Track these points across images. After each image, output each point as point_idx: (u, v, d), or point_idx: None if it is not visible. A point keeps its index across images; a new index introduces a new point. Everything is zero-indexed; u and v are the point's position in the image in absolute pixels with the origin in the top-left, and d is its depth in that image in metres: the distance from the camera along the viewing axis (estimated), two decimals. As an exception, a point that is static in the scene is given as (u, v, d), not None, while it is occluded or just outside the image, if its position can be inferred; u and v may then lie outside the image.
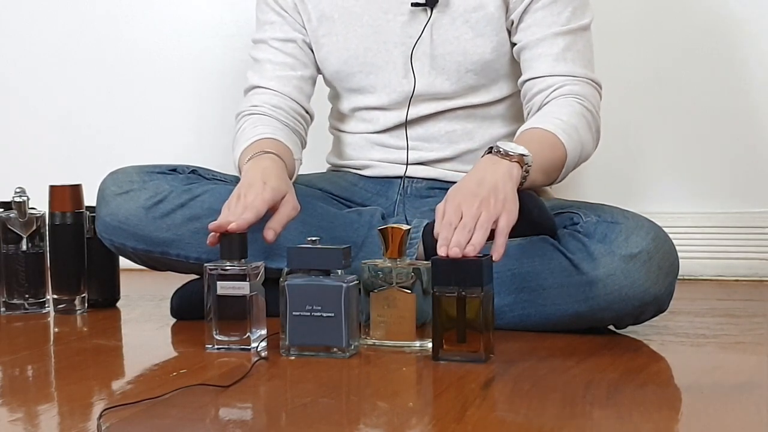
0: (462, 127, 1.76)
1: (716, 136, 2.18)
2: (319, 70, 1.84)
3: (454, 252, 1.37)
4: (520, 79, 1.71)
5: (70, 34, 2.47)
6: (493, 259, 1.40)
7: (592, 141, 1.66)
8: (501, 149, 1.49)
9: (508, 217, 1.42)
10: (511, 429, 1.10)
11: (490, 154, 1.50)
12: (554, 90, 1.66)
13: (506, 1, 1.71)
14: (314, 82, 1.84)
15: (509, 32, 1.73)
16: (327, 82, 1.86)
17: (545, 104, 1.66)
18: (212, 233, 1.47)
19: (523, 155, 1.48)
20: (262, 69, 1.81)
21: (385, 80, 1.77)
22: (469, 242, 1.39)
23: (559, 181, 1.62)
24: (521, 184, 1.49)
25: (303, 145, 1.81)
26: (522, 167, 1.48)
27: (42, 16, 2.49)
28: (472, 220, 1.41)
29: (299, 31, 1.81)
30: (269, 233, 1.50)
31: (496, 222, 1.41)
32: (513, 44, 1.73)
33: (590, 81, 1.69)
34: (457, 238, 1.39)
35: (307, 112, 1.81)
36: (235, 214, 1.48)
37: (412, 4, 1.72)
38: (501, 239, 1.41)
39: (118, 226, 1.67)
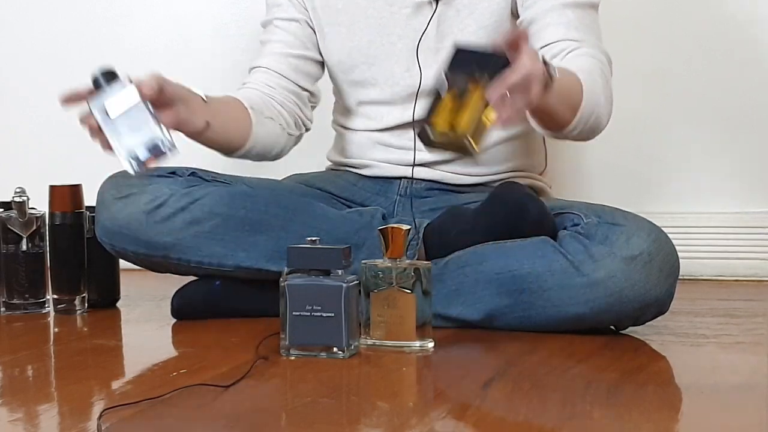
0: None
1: (716, 137, 2.18)
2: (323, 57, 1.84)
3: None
4: None
5: (70, 34, 2.46)
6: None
7: (606, 105, 1.59)
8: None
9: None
10: (511, 429, 1.10)
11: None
12: (570, 51, 1.62)
13: None
14: (319, 65, 1.83)
15: (515, 16, 1.71)
16: (330, 75, 1.86)
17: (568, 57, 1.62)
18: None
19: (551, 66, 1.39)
20: (263, 50, 1.82)
21: (387, 73, 1.76)
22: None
23: (572, 132, 1.54)
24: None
25: (298, 121, 1.80)
26: (548, 70, 1.37)
27: (42, 16, 2.48)
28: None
29: (303, 13, 1.81)
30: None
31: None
32: (521, 23, 1.69)
33: (603, 51, 1.65)
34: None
35: (305, 90, 1.81)
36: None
37: None
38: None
39: (118, 230, 1.67)
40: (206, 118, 1.57)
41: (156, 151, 1.43)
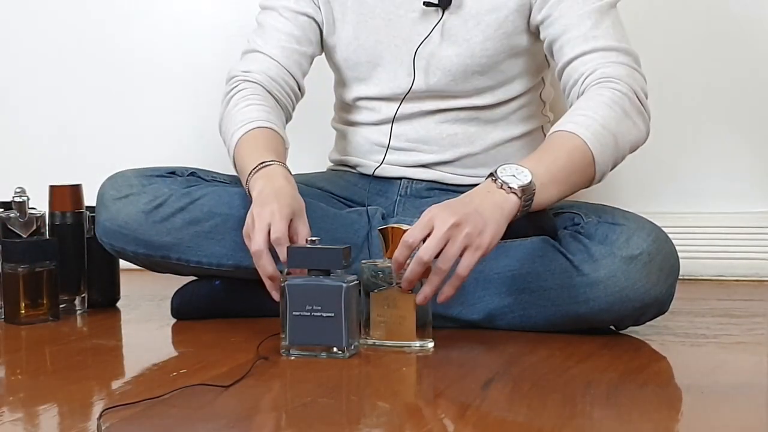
0: (463, 131, 1.75)
1: (716, 136, 2.18)
2: (321, 51, 1.83)
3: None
4: (557, 69, 1.66)
5: (70, 34, 2.46)
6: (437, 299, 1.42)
7: (634, 127, 1.58)
8: (499, 179, 1.43)
9: (478, 249, 1.39)
10: (511, 429, 1.10)
11: (489, 180, 1.45)
12: (586, 77, 1.60)
13: (528, 4, 1.68)
14: (312, 61, 1.82)
15: (537, 33, 1.69)
16: (333, 68, 1.85)
17: (580, 97, 1.61)
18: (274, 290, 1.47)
19: (523, 187, 1.43)
20: (267, 35, 1.79)
21: (390, 74, 1.75)
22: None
23: (598, 182, 1.57)
24: (524, 209, 1.45)
25: (288, 119, 1.79)
26: (521, 198, 1.43)
27: (42, 16, 2.48)
28: (438, 243, 1.39)
29: (312, 8, 1.79)
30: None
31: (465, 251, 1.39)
32: (544, 42, 1.68)
33: (623, 54, 1.62)
34: (411, 270, 1.40)
35: (300, 89, 1.80)
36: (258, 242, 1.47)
37: (425, 3, 1.71)
38: (457, 281, 1.40)
39: (117, 230, 1.67)
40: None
41: None
